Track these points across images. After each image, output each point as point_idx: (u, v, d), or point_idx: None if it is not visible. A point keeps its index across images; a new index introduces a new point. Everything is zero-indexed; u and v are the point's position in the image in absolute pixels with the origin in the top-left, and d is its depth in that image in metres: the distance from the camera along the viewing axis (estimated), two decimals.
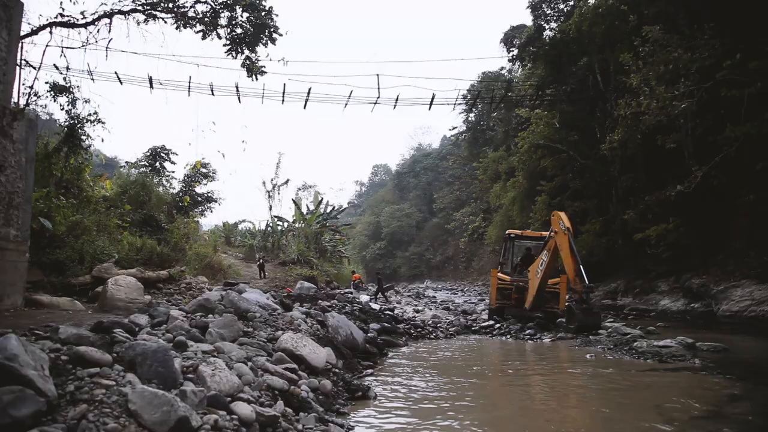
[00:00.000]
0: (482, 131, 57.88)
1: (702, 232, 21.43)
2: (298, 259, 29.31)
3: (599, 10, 25.87)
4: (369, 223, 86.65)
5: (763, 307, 16.64)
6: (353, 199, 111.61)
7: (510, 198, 38.18)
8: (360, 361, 8.81)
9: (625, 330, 13.14)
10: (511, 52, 42.13)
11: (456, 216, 63.89)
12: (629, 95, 22.21)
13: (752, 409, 6.10)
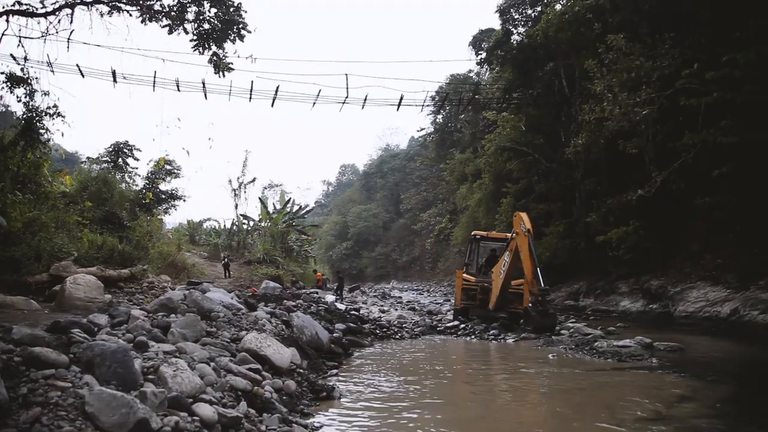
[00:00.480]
0: (450, 133, 58.28)
1: (661, 236, 22.03)
2: (264, 258, 29.01)
3: (565, 16, 26.33)
4: (336, 223, 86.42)
5: (716, 307, 17.18)
6: (320, 199, 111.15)
7: (476, 199, 38.55)
8: (325, 362, 8.77)
9: (587, 330, 13.41)
10: (480, 55, 42.57)
11: (423, 217, 64.20)
12: (593, 101, 22.69)
13: (703, 407, 6.30)
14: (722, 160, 16.95)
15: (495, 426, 5.73)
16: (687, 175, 19.49)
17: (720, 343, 12.23)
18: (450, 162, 50.52)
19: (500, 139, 32.55)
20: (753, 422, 5.57)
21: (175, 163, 24.66)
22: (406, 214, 73.61)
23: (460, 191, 44.77)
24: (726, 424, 5.53)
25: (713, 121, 17.53)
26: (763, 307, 15.56)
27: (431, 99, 37.17)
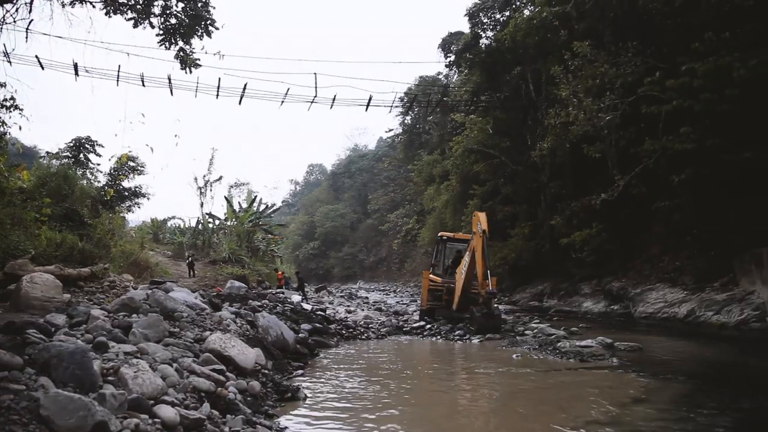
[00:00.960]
0: (418, 134, 58.52)
1: (623, 238, 22.56)
2: (230, 257, 28.62)
3: (533, 22, 26.71)
4: (303, 222, 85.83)
5: (674, 309, 17.69)
6: (287, 198, 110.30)
7: (443, 201, 38.80)
8: (290, 362, 8.72)
9: (550, 331, 13.64)
10: (449, 57, 42.83)
11: (390, 217, 64.29)
12: (559, 106, 23.11)
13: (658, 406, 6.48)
14: (681, 165, 17.45)
15: (458, 426, 5.78)
16: (648, 180, 20.01)
17: (677, 343, 12.58)
18: (418, 163, 50.72)
19: (468, 141, 32.84)
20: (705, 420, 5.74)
21: (138, 160, 24.13)
22: (373, 215, 73.61)
23: (428, 192, 44.99)
24: (680, 422, 5.69)
25: (673, 127, 18.03)
26: (717, 308, 16.10)
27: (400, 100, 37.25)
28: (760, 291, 15.27)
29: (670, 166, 18.00)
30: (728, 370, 9.21)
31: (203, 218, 34.99)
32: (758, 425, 5.64)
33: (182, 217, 39.36)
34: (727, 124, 15.84)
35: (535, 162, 27.43)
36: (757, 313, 14.70)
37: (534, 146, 26.86)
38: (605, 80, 20.77)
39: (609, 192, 20.36)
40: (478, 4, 35.01)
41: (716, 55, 16.61)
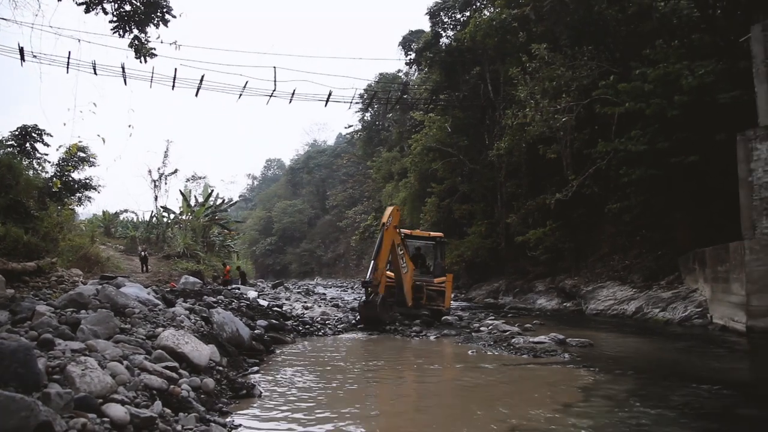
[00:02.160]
0: (377, 131, 58.61)
1: (576, 237, 23.16)
2: (184, 252, 28.00)
3: (493, 23, 27.05)
4: (260, 217, 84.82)
5: (623, 306, 18.27)
6: (245, 193, 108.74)
7: (401, 198, 38.98)
8: (246, 359, 8.59)
9: (505, 327, 13.87)
10: (409, 55, 43.05)
11: (348, 214, 64.23)
12: (516, 106, 23.52)
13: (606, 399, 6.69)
14: (632, 167, 18.00)
15: (412, 422, 5.82)
16: (600, 181, 20.59)
17: (625, 339, 12.99)
18: (377, 160, 50.80)
19: (426, 140, 33.06)
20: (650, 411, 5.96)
21: (89, 150, 23.30)
22: (331, 211, 73.35)
23: (386, 189, 45.11)
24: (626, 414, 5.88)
25: (625, 131, 18.59)
26: (663, 305, 16.71)
27: (360, 96, 37.31)
28: (702, 289, 15.92)
29: (622, 167, 18.56)
30: (672, 365, 9.57)
31: (157, 212, 34.13)
32: (698, 416, 5.87)
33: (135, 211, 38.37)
34: (675, 128, 16.42)
35: (493, 161, 27.85)
36: (699, 310, 15.33)
37: (491, 146, 27.27)
38: (561, 82, 21.25)
39: (563, 192, 20.87)
40: (439, 3, 35.24)
41: (666, 62, 17.23)
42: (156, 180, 33.80)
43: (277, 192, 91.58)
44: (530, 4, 24.85)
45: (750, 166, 13.05)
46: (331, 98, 26.02)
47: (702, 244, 15.93)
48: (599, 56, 21.66)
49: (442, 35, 35.04)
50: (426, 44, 34.63)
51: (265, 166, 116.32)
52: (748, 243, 12.82)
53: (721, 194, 14.82)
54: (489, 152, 27.46)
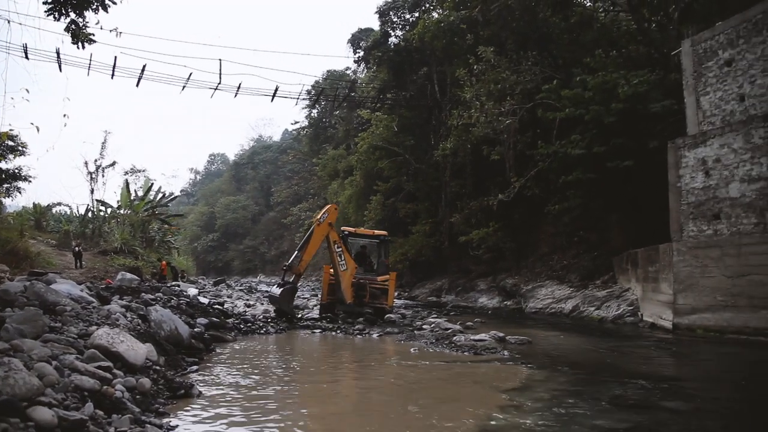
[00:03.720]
0: (324, 128, 58.28)
1: (517, 238, 23.76)
2: (122, 248, 27.03)
3: (441, 24, 27.38)
4: (202, 213, 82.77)
5: (561, 304, 18.90)
6: (187, 188, 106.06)
7: (347, 196, 38.93)
8: (184, 358, 8.38)
9: (447, 325, 14.08)
10: (358, 53, 42.98)
11: (293, 211, 63.55)
12: (462, 107, 23.91)
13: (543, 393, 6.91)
14: (571, 170, 18.63)
15: (351, 421, 5.85)
16: (541, 183, 21.21)
17: (562, 336, 13.43)
18: (323, 157, 50.55)
19: (373, 138, 33.16)
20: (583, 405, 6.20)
21: (19, 139, 22.15)
22: (276, 208, 72.40)
23: (332, 187, 44.96)
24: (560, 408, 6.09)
25: (565, 134, 19.22)
26: (598, 303, 17.39)
27: (307, 93, 37.03)
28: (634, 288, 16.66)
29: (562, 170, 19.18)
30: (605, 361, 9.98)
31: (94, 205, 32.80)
32: (627, 409, 6.16)
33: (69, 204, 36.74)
34: (611, 134, 17.10)
35: (438, 161, 28.21)
36: (631, 308, 16.05)
37: (437, 145, 27.61)
38: (506, 86, 21.77)
39: (505, 193, 21.39)
40: (388, 2, 35.38)
41: (605, 70, 17.93)
42: (92, 172, 32.50)
43: (220, 187, 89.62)
44: (478, 8, 25.31)
45: (679, 173, 13.75)
46: (278, 94, 25.79)
47: (635, 246, 16.66)
48: (543, 62, 22.33)
49: (391, 34, 35.20)
50: (375, 43, 34.71)
51: (209, 160, 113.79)
52: (676, 245, 13.52)
53: (653, 198, 15.53)
54: (434, 152, 27.80)
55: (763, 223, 11.80)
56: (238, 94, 24.94)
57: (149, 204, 34.06)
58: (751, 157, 12.14)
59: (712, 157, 12.98)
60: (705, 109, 13.73)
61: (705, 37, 13.86)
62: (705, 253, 12.86)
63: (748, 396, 7.25)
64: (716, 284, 12.49)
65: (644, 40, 20.48)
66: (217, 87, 23.69)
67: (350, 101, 38.13)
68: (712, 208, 12.91)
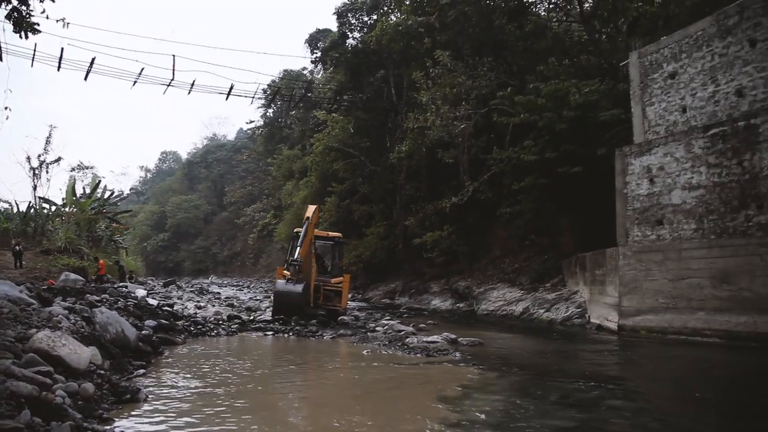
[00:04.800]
0: (279, 128, 57.73)
1: (470, 241, 24.08)
2: (66, 247, 26.00)
3: (399, 28, 27.52)
4: (153, 212, 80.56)
5: (512, 306, 19.25)
6: (137, 186, 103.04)
7: (302, 197, 38.65)
8: (131, 361, 8.13)
9: (400, 327, 14.14)
10: (315, 54, 42.77)
11: (247, 211, 62.67)
12: (418, 110, 24.11)
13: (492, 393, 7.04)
14: (523, 175, 19.02)
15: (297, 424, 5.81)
16: (494, 187, 21.58)
17: (513, 337, 13.70)
18: (278, 157, 50.06)
19: (329, 139, 33.06)
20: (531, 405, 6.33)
21: None
22: (229, 208, 71.19)
23: (286, 187, 44.56)
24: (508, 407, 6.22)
25: (519, 140, 19.62)
26: (547, 306, 17.81)
27: (263, 92, 36.59)
28: (582, 291, 17.13)
29: (514, 174, 19.56)
30: (553, 361, 10.23)
31: (36, 203, 31.46)
32: (572, 408, 6.33)
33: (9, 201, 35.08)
34: (563, 140, 17.54)
35: (393, 163, 28.33)
36: (579, 310, 16.51)
37: (393, 148, 27.73)
38: (462, 90, 22.06)
39: (459, 196, 21.65)
40: (347, 4, 35.34)
41: (557, 79, 18.41)
42: (36, 168, 31.12)
43: (172, 186, 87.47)
44: (435, 13, 25.58)
45: (626, 179, 14.24)
46: (233, 92, 25.41)
47: (584, 250, 17.13)
48: (498, 68, 22.73)
49: (349, 36, 35.16)
50: (332, 44, 34.61)
51: (160, 158, 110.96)
52: (622, 249, 13.98)
53: (601, 204, 16.00)
54: (390, 155, 27.92)
55: (701, 228, 12.33)
56: (191, 92, 24.46)
57: (97, 202, 32.93)
58: (692, 166, 12.67)
59: (656, 165, 13.49)
60: (650, 118, 14.28)
61: (651, 50, 14.42)
62: (648, 257, 13.34)
63: (685, 394, 7.56)
64: (658, 287, 12.97)
65: (595, 50, 21.14)
66: (170, 83, 23.17)
67: (306, 102, 37.89)
68: (655, 214, 13.41)
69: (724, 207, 11.94)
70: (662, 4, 18.01)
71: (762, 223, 11.19)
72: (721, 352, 10.73)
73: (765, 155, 11.24)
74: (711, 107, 12.81)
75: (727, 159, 11.93)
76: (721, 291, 11.70)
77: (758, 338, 10.83)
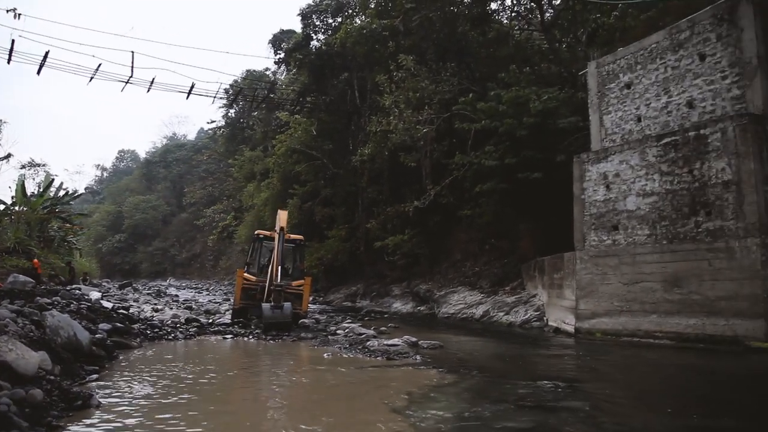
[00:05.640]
0: (241, 129, 57.01)
1: (431, 244, 24.26)
2: (15, 248, 25.07)
3: (364, 31, 27.55)
4: (109, 212, 78.31)
5: (472, 309, 19.47)
6: (92, 185, 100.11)
7: (263, 199, 38.28)
8: (84, 366, 7.89)
9: (361, 330, 14.14)
10: (278, 54, 42.45)
11: (207, 212, 61.60)
12: (381, 114, 24.20)
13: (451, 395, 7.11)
14: (484, 179, 19.27)
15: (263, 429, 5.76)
16: (456, 191, 21.80)
17: (473, 340, 13.86)
18: (239, 158, 49.45)
19: (291, 141, 32.85)
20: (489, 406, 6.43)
21: None
22: (189, 209, 69.86)
23: (248, 189, 44.05)
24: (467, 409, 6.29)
25: (480, 145, 19.88)
26: (507, 309, 18.07)
27: (225, 92, 36.11)
28: (540, 294, 17.46)
29: (476, 179, 19.81)
30: (512, 364, 10.40)
31: None
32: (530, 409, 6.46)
33: None
34: (523, 146, 17.86)
35: (356, 166, 28.33)
36: (538, 313, 16.81)
37: (355, 151, 27.73)
38: (425, 95, 22.24)
39: (421, 200, 21.81)
40: (311, 5, 35.20)
41: (518, 86, 18.74)
42: None
43: (129, 186, 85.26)
44: (400, 17, 25.73)
45: (583, 186, 14.60)
46: (194, 91, 24.89)
47: (543, 254, 17.46)
48: (461, 74, 23.02)
49: (313, 38, 35.03)
50: (296, 45, 34.40)
51: (118, 157, 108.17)
52: (579, 254, 14.32)
53: (560, 209, 16.34)
54: (352, 157, 27.90)
55: (654, 234, 12.74)
56: (151, 89, 23.92)
57: (49, 201, 31.86)
58: (646, 173, 13.08)
59: (612, 172, 13.87)
60: (607, 127, 14.68)
61: (608, 60, 14.84)
62: (604, 262, 13.70)
63: (639, 394, 7.79)
64: (614, 291, 13.33)
65: (555, 59, 21.63)
66: (129, 80, 22.59)
67: (269, 102, 37.55)
68: (611, 220, 13.78)
69: (675, 213, 12.36)
70: (619, 17, 18.55)
71: (710, 229, 11.63)
72: (672, 353, 11.09)
73: (713, 164, 11.69)
74: (664, 117, 13.27)
75: (679, 167, 12.37)
76: (672, 294, 12.10)
77: (706, 340, 11.25)
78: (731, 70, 12.00)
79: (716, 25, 12.33)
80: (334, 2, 34.49)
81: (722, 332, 11.07)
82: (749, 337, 10.60)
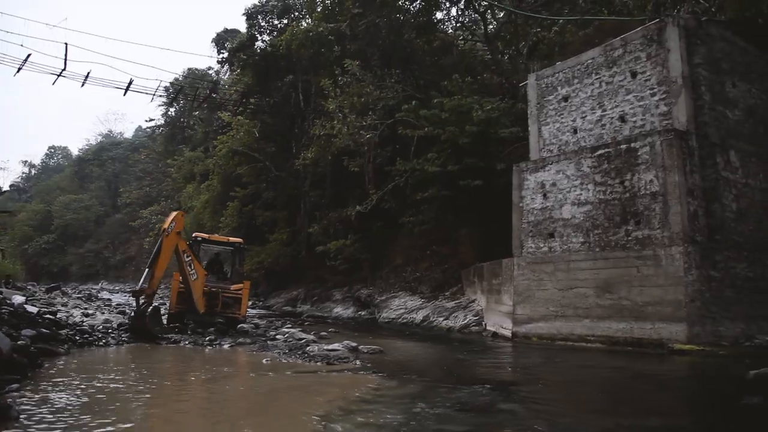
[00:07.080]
0: (181, 128, 55.61)
1: (373, 249, 24.34)
2: None
3: (310, 34, 27.42)
4: (37, 212, 74.42)
5: (413, 314, 19.63)
6: (18, 182, 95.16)
7: (203, 200, 37.40)
8: (3, 375, 7.44)
9: (301, 335, 14.01)
10: (222, 54, 41.73)
11: (143, 213, 59.52)
12: (325, 118, 24.15)
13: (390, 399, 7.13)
14: (426, 186, 19.52)
15: None
16: (398, 197, 21.98)
17: (413, 345, 13.96)
18: (178, 158, 48.20)
19: (233, 142, 32.30)
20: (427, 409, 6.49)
21: None
22: (124, 209, 67.37)
23: (187, 190, 43.00)
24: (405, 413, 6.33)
25: (423, 151, 20.13)
26: (446, 314, 18.33)
27: (165, 90, 35.12)
28: (479, 299, 17.80)
29: (418, 185, 20.03)
30: (451, 368, 10.52)
31: None
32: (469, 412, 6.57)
33: None
34: (464, 154, 18.21)
35: (298, 170, 28.14)
36: (477, 318, 17.13)
37: (298, 154, 27.54)
38: (369, 100, 22.36)
39: (363, 205, 21.86)
40: (257, 6, 34.78)
41: (461, 94, 19.11)
42: None
43: (60, 184, 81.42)
44: (347, 22, 25.77)
45: (522, 194, 15.00)
46: (133, 88, 24.21)
47: (482, 260, 17.82)
48: (405, 81, 23.26)
49: (258, 38, 34.61)
50: (241, 45, 33.88)
51: (48, 153, 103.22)
52: (517, 260, 14.69)
53: (499, 216, 16.73)
54: (295, 161, 27.70)
55: (588, 242, 13.23)
56: (85, 84, 22.98)
57: None
58: (581, 183, 13.58)
59: (549, 181, 14.32)
60: (545, 137, 15.17)
61: (547, 73, 15.36)
62: (541, 268, 14.11)
63: (571, 396, 8.04)
64: (549, 296, 13.74)
65: (497, 70, 22.19)
66: (61, 73, 21.63)
67: (211, 102, 36.79)
68: (548, 227, 14.22)
69: (607, 222, 12.88)
70: (559, 32, 19.26)
71: (639, 237, 12.18)
72: (603, 356, 11.51)
73: (642, 176, 12.27)
74: (598, 130, 13.83)
75: (611, 178, 12.90)
76: (603, 300, 12.59)
77: (634, 343, 11.77)
78: (659, 88, 12.67)
79: (646, 45, 13.01)
80: (280, 3, 34.20)
81: (649, 335, 11.61)
82: (672, 339, 11.15)
